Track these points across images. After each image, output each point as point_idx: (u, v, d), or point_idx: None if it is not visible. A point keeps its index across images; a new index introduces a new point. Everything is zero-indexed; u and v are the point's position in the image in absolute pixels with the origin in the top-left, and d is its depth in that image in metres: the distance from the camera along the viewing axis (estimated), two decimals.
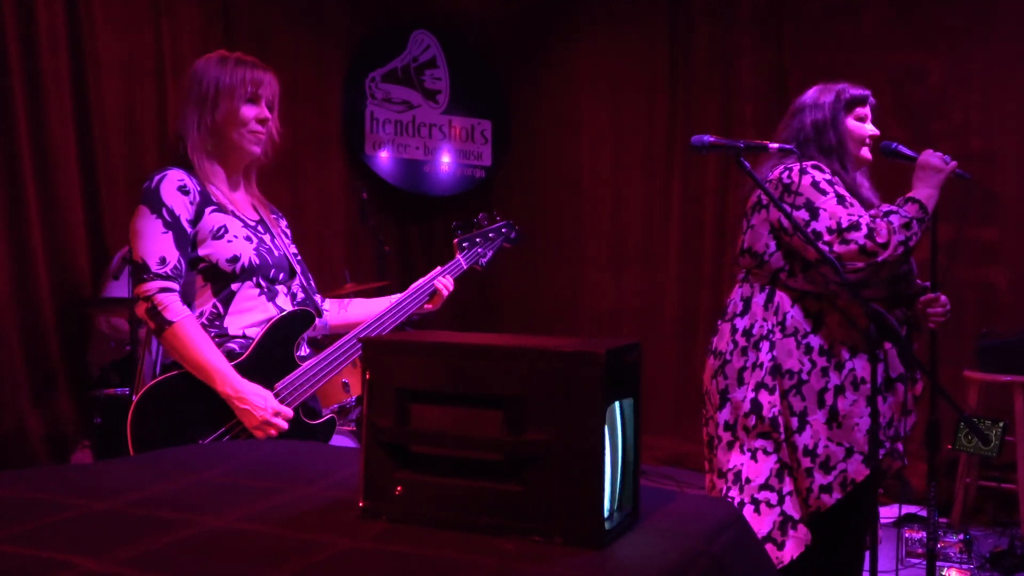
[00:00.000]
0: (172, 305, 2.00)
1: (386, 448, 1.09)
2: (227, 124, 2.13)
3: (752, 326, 2.43)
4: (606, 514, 1.02)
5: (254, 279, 2.11)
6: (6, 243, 4.06)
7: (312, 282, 2.34)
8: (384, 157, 6.01)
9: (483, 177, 6.42)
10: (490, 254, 2.52)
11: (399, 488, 1.08)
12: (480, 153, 6.40)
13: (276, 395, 2.06)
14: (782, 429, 2.37)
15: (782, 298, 2.42)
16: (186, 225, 2.06)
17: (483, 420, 1.04)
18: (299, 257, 2.33)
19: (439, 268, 2.39)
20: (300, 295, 2.24)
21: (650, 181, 5.89)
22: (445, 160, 6.26)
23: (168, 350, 2.04)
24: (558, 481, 1.01)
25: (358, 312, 2.36)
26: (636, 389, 1.12)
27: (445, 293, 2.35)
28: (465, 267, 2.45)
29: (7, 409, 4.05)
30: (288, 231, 2.35)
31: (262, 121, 2.15)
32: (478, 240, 2.49)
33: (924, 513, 4.11)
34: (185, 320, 2.01)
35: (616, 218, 6.05)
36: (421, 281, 2.35)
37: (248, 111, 2.14)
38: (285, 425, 2.02)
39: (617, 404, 1.07)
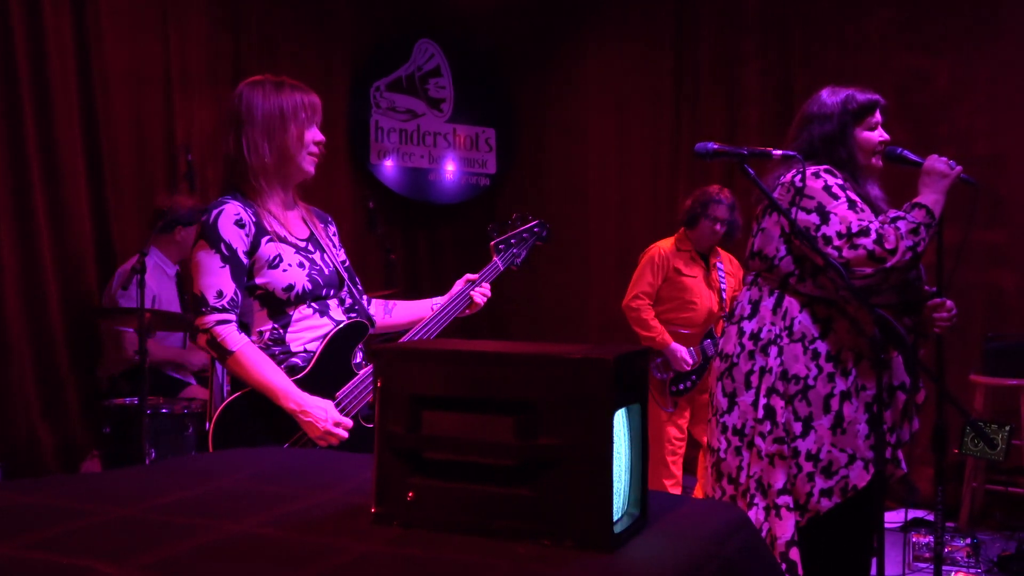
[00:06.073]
0: (230, 336, 2.12)
1: (398, 454, 1.10)
2: (295, 147, 2.23)
3: (760, 330, 2.43)
4: (616, 517, 1.04)
5: (307, 302, 2.22)
6: (15, 253, 4.09)
7: (359, 285, 2.43)
8: (389, 166, 6.03)
9: (488, 185, 6.44)
10: (524, 254, 2.59)
11: (411, 493, 1.10)
12: (485, 161, 6.42)
13: (338, 403, 2.18)
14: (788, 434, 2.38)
15: (791, 303, 2.42)
16: (242, 257, 2.17)
17: (494, 426, 1.06)
18: (347, 263, 2.42)
19: (475, 274, 2.46)
20: (348, 301, 2.35)
21: (655, 187, 5.90)
22: (450, 168, 6.28)
23: (233, 375, 2.17)
24: (568, 485, 1.03)
25: (402, 314, 2.48)
26: (644, 395, 1.14)
27: (481, 302, 2.44)
28: (502, 269, 2.52)
29: (18, 419, 4.08)
30: (336, 236, 2.45)
31: (319, 143, 2.27)
32: (513, 241, 2.56)
33: (931, 518, 4.11)
34: (244, 348, 2.13)
35: (622, 225, 6.05)
36: (458, 286, 2.43)
37: (311, 134, 2.25)
38: (345, 435, 2.13)
39: (625, 409, 1.09)
